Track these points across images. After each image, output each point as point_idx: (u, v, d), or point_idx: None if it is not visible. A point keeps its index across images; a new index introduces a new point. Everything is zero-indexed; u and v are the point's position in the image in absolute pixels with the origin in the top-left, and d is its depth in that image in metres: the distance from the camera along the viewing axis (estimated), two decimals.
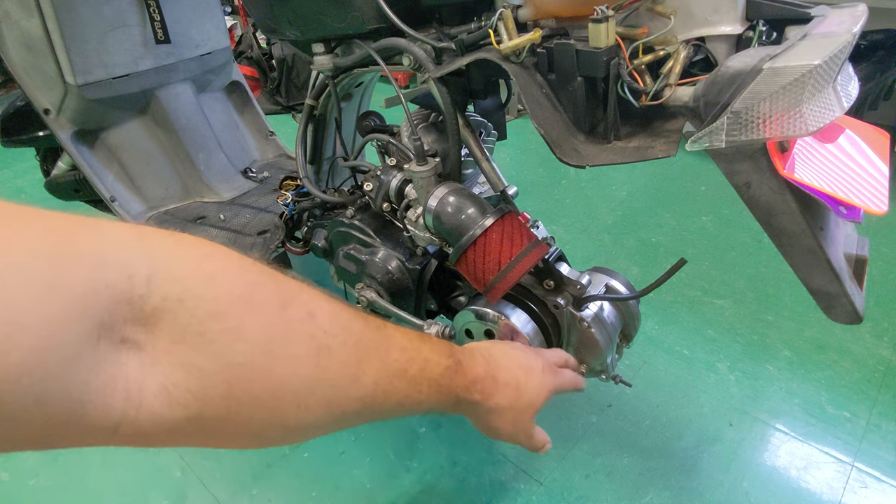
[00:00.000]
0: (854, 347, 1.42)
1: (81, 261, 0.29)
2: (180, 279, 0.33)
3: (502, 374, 0.64)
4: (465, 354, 0.61)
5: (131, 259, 0.31)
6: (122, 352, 0.31)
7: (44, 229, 0.29)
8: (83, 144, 1.44)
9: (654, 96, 0.65)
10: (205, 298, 0.34)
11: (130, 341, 0.31)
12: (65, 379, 0.28)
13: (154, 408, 0.32)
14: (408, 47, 0.84)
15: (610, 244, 1.94)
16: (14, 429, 0.27)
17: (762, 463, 1.16)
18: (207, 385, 0.34)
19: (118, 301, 0.30)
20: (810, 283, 0.64)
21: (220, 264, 0.36)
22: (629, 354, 1.43)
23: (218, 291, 0.35)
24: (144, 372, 0.32)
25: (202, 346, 0.34)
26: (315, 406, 0.40)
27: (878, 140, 0.65)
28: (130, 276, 0.31)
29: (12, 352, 0.25)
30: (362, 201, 1.08)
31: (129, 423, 0.31)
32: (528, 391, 0.67)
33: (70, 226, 0.30)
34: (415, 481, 1.17)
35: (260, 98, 3.39)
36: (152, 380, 0.32)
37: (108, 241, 0.31)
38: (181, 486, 1.18)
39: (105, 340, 0.30)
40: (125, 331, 0.31)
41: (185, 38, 1.50)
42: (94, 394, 0.29)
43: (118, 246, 0.32)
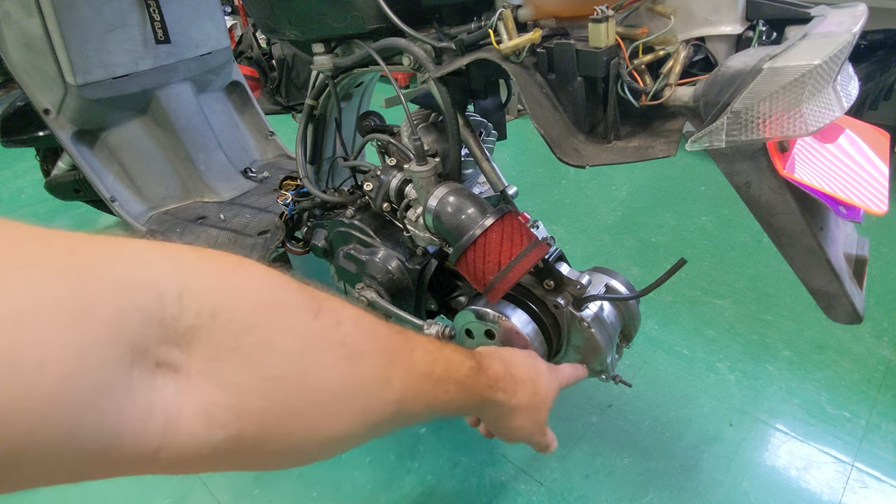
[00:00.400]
0: (854, 347, 1.42)
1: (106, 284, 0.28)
2: (210, 293, 0.32)
3: (517, 373, 0.65)
4: (482, 356, 0.61)
5: (158, 277, 0.30)
6: (157, 376, 0.30)
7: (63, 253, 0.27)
8: (83, 144, 1.44)
9: (654, 96, 0.65)
10: (237, 311, 0.33)
11: (165, 364, 0.30)
12: (98, 409, 0.27)
13: (194, 430, 0.31)
14: (408, 47, 0.84)
15: (610, 244, 1.94)
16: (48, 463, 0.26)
17: (762, 463, 1.16)
18: (245, 401, 0.33)
19: (149, 323, 0.29)
20: (810, 283, 0.64)
21: (248, 276, 0.36)
22: (629, 354, 1.43)
23: (249, 303, 0.34)
24: (182, 394, 0.31)
25: (237, 361, 0.33)
26: (350, 414, 0.40)
27: (878, 140, 0.65)
28: (160, 295, 0.30)
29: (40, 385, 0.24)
30: (362, 201, 1.08)
31: (168, 449, 0.30)
32: (542, 388, 0.68)
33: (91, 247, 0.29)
34: (415, 483, 1.17)
35: (260, 98, 3.39)
36: (190, 401, 0.31)
37: (132, 260, 0.30)
38: (183, 487, 1.18)
39: (139, 366, 0.29)
40: (159, 353, 0.30)
41: (185, 38, 1.50)
42: (130, 422, 0.28)
43: (143, 264, 0.31)
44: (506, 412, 0.64)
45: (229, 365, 0.32)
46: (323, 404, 0.38)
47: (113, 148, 1.49)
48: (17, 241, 0.27)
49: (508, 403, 0.63)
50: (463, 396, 0.54)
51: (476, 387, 0.56)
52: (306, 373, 0.36)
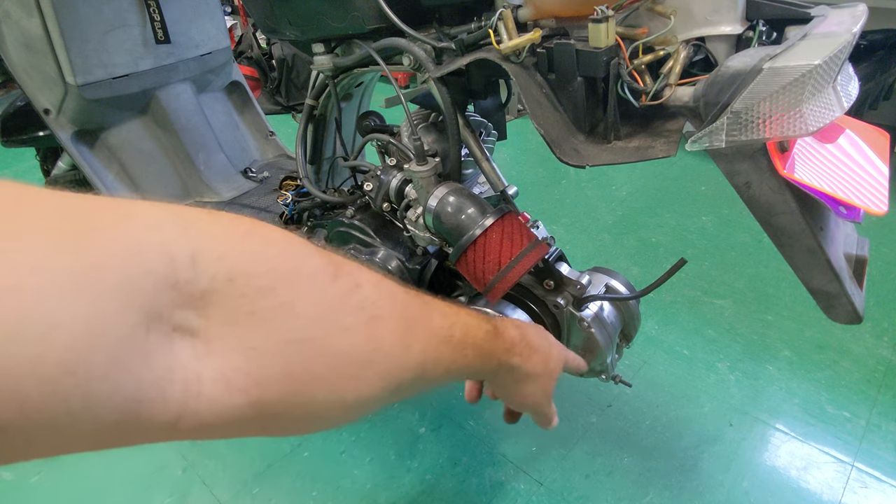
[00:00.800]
0: (854, 347, 1.42)
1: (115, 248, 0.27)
2: (225, 256, 0.31)
3: (533, 339, 0.65)
4: (498, 320, 0.61)
5: (170, 240, 0.29)
6: (175, 341, 0.29)
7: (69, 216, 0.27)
8: (83, 144, 1.44)
9: (654, 96, 0.65)
10: (254, 275, 0.32)
11: (183, 328, 0.29)
12: (114, 377, 0.26)
13: (214, 396, 0.30)
14: (408, 47, 0.84)
15: (610, 244, 1.94)
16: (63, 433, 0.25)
17: (762, 463, 1.16)
18: (265, 366, 0.33)
19: (163, 287, 0.28)
20: (810, 283, 0.64)
21: (264, 239, 0.35)
22: (629, 354, 1.43)
23: (266, 267, 0.33)
24: (200, 359, 0.30)
25: (256, 325, 0.32)
26: (373, 378, 0.39)
27: (878, 140, 0.65)
28: (173, 259, 0.29)
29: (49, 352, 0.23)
30: (362, 201, 1.08)
31: (189, 416, 0.30)
32: (553, 359, 0.68)
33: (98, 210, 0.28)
34: (415, 481, 1.17)
35: (260, 98, 3.39)
36: (209, 367, 0.30)
37: (142, 223, 0.29)
38: (183, 484, 1.18)
39: (155, 331, 0.28)
40: (176, 318, 0.29)
41: (185, 38, 1.50)
42: (149, 389, 0.28)
43: (153, 228, 0.29)
44: (521, 377, 0.64)
45: (248, 329, 0.32)
46: (345, 368, 0.37)
47: (113, 148, 1.49)
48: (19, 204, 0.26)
49: (523, 368, 0.63)
50: (480, 360, 0.53)
51: (493, 351, 0.56)
52: (327, 337, 0.36)
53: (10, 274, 0.23)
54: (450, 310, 0.50)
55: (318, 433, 1.29)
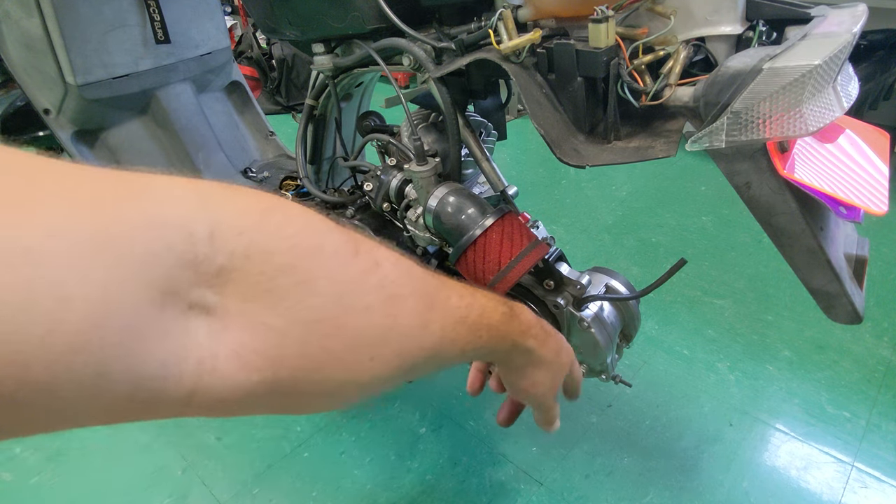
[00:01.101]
0: (854, 347, 1.42)
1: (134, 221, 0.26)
2: (245, 232, 0.31)
3: (548, 326, 0.64)
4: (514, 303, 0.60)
5: (189, 215, 0.29)
6: (190, 318, 0.29)
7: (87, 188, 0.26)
8: (83, 144, 1.44)
9: (654, 96, 0.65)
10: (273, 252, 0.32)
11: (199, 306, 0.29)
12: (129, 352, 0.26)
13: (228, 373, 0.30)
14: (408, 47, 0.84)
15: (610, 244, 1.94)
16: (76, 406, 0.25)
17: (762, 463, 1.16)
18: (281, 344, 0.32)
19: (181, 264, 0.28)
20: (810, 283, 0.64)
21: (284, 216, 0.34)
22: (629, 354, 1.43)
23: (286, 244, 0.33)
24: (215, 337, 0.30)
25: (273, 303, 0.32)
26: (390, 357, 0.39)
27: (878, 140, 0.65)
28: (191, 234, 0.28)
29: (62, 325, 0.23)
30: (362, 201, 1.08)
31: (203, 393, 0.30)
32: (565, 349, 0.67)
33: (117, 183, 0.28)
34: (415, 482, 1.17)
35: (260, 98, 3.39)
36: (224, 344, 0.30)
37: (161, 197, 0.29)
38: (183, 485, 1.18)
39: (171, 308, 0.27)
40: (192, 295, 0.29)
41: (185, 38, 1.50)
42: (163, 366, 0.27)
43: (173, 201, 0.29)
44: (533, 361, 0.63)
45: (265, 307, 0.31)
46: (362, 348, 0.37)
47: (113, 148, 1.49)
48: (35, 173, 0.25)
49: (538, 352, 0.62)
50: (495, 342, 0.53)
51: (509, 332, 0.56)
52: (345, 315, 0.35)
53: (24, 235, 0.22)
54: (466, 291, 0.50)
55: (317, 434, 1.29)
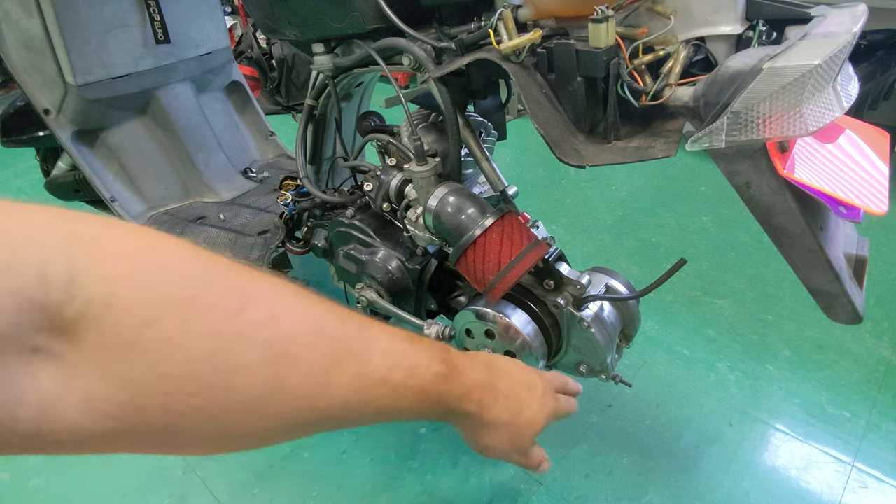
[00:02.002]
0: (854, 347, 1.42)
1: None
2: (109, 279, 0.30)
3: (503, 385, 0.59)
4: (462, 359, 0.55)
5: (47, 258, 0.28)
6: (32, 363, 0.28)
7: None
8: (83, 144, 1.44)
9: (654, 96, 0.65)
10: (137, 303, 0.30)
11: (45, 351, 0.28)
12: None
13: (74, 420, 0.29)
14: (408, 47, 0.84)
15: (610, 244, 1.94)
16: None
17: (762, 463, 1.16)
18: (141, 397, 0.31)
19: (25, 309, 0.27)
20: (810, 283, 0.64)
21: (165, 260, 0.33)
22: (629, 354, 1.43)
23: (154, 294, 0.31)
24: (63, 383, 0.29)
25: (132, 355, 0.30)
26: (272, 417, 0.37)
27: (878, 140, 0.65)
28: (44, 279, 0.27)
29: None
30: (362, 201, 1.08)
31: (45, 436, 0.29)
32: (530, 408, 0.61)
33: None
34: (416, 481, 1.17)
35: (260, 98, 3.39)
36: (72, 391, 0.29)
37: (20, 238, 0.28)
38: (183, 485, 1.18)
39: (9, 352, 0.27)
40: (37, 340, 0.28)
41: (185, 38, 1.50)
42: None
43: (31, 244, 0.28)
44: (477, 426, 0.58)
45: (121, 359, 0.30)
46: (238, 406, 0.35)
47: (113, 148, 1.49)
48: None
49: (481, 417, 0.57)
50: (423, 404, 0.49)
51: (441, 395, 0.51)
52: (217, 375, 0.33)
53: None
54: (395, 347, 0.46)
55: None
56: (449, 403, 0.53)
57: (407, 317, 1.01)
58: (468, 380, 0.55)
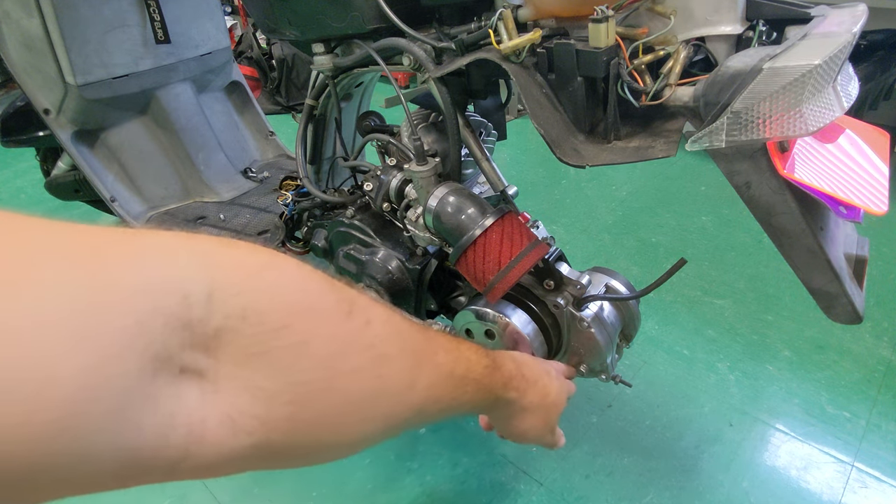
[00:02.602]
0: (854, 347, 1.42)
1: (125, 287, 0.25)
2: (241, 293, 0.30)
3: (529, 374, 0.65)
4: (496, 354, 0.61)
5: (186, 276, 0.28)
6: (181, 383, 0.28)
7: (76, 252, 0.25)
8: (83, 144, 1.44)
9: (654, 96, 0.65)
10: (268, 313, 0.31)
11: (191, 370, 0.28)
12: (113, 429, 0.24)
13: (218, 439, 0.30)
14: (408, 47, 0.84)
15: (610, 244, 1.94)
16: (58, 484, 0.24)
17: (762, 463, 1.16)
18: (273, 408, 0.32)
19: (173, 327, 0.27)
20: (810, 283, 0.64)
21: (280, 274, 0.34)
22: (629, 354, 1.43)
23: (281, 304, 0.32)
24: (207, 402, 0.29)
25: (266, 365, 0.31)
26: (377, 418, 0.39)
27: (878, 140, 0.65)
28: (186, 296, 0.27)
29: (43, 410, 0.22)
30: (362, 201, 1.08)
31: (192, 459, 0.29)
32: (553, 390, 0.68)
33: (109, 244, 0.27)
34: (415, 483, 1.17)
35: (260, 98, 3.39)
36: (215, 409, 0.29)
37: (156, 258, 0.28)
38: (183, 486, 1.18)
39: (162, 375, 0.27)
40: (184, 358, 0.28)
41: (185, 38, 1.50)
42: (150, 436, 0.26)
43: (167, 263, 0.28)
44: (517, 411, 0.63)
45: (258, 369, 0.31)
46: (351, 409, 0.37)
47: (113, 148, 1.49)
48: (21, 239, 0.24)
49: (520, 403, 0.62)
50: (479, 395, 0.53)
51: (491, 385, 0.56)
52: (336, 377, 0.35)
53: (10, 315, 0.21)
54: (451, 344, 0.50)
55: None
56: (497, 392, 0.58)
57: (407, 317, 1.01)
58: (507, 370, 0.60)
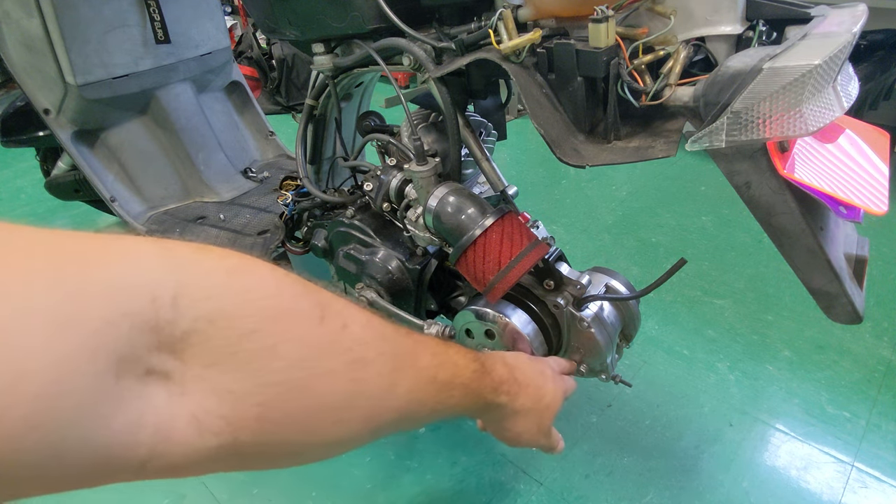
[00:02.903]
0: (854, 347, 1.42)
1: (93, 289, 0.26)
2: (210, 297, 0.31)
3: (521, 377, 0.64)
4: (487, 358, 0.61)
5: (153, 280, 0.29)
6: (148, 384, 0.29)
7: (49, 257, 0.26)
8: (83, 144, 1.44)
9: (654, 96, 0.65)
10: (237, 316, 0.32)
11: (157, 371, 0.29)
12: (82, 425, 0.25)
13: (185, 439, 0.30)
14: (408, 47, 0.84)
15: (610, 244, 1.94)
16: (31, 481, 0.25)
17: (762, 463, 1.16)
18: (241, 409, 0.32)
19: (141, 330, 0.28)
20: (810, 283, 0.64)
21: (253, 276, 0.34)
22: (629, 354, 1.43)
23: (251, 308, 0.33)
24: (174, 402, 0.30)
25: (235, 367, 0.32)
26: (353, 420, 0.39)
27: (878, 140, 0.65)
28: (154, 300, 0.28)
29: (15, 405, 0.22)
30: (362, 201, 1.08)
31: (159, 458, 0.30)
32: (547, 392, 0.67)
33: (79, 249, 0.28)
34: (414, 482, 1.17)
35: (260, 98, 3.39)
36: (182, 410, 0.30)
37: (125, 262, 0.29)
38: (182, 485, 1.18)
39: (128, 375, 0.27)
40: (151, 361, 0.29)
41: (185, 38, 1.50)
42: (118, 434, 0.27)
43: (136, 267, 0.29)
44: (508, 415, 0.63)
45: (226, 372, 0.31)
46: (324, 411, 0.37)
47: (113, 148, 1.49)
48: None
49: (511, 406, 0.62)
50: (467, 400, 0.53)
51: (480, 390, 0.56)
52: (308, 380, 0.35)
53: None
54: (439, 348, 0.50)
55: None
56: (486, 397, 0.58)
57: (407, 317, 1.01)
58: (497, 374, 0.60)
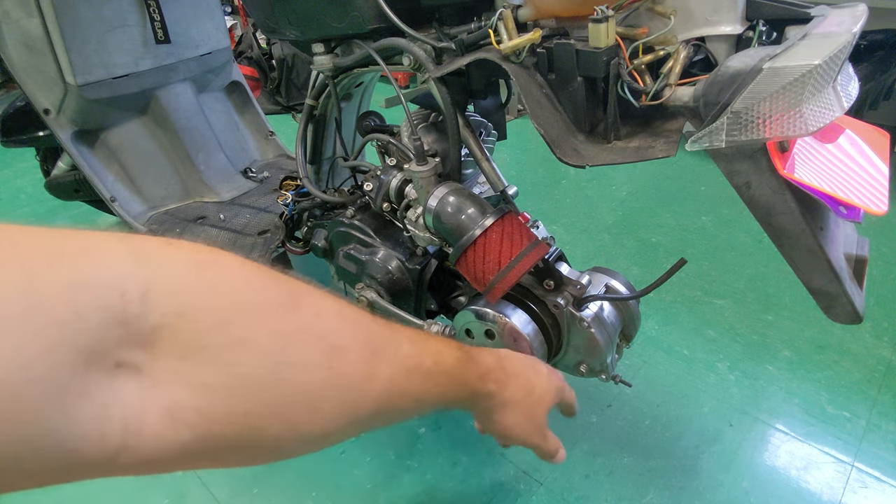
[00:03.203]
0: (854, 347, 1.42)
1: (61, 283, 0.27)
2: (179, 291, 0.31)
3: (511, 367, 0.64)
4: (471, 348, 0.60)
5: (122, 274, 0.29)
6: (117, 377, 0.29)
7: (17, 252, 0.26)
8: (83, 144, 1.44)
9: (654, 96, 0.65)
10: (207, 310, 0.32)
11: (127, 365, 0.29)
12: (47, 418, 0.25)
13: (157, 432, 0.30)
14: (408, 47, 0.84)
15: (610, 244, 1.94)
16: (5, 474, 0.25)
17: (762, 463, 1.16)
18: (215, 400, 0.32)
19: (109, 324, 0.28)
20: (810, 283, 0.64)
21: (223, 270, 0.35)
22: (629, 354, 1.43)
23: (222, 301, 0.33)
24: (145, 395, 0.30)
25: (207, 360, 0.32)
26: (330, 410, 0.39)
27: (878, 140, 0.65)
28: (123, 295, 0.28)
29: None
30: (362, 201, 1.08)
31: (130, 452, 0.29)
32: (539, 384, 0.66)
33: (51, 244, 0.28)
34: (415, 481, 1.17)
35: (260, 98, 3.39)
36: (154, 403, 0.30)
37: (93, 257, 0.29)
38: (181, 485, 1.18)
39: (95, 368, 0.27)
40: (120, 354, 0.29)
41: (185, 38, 1.50)
42: (85, 428, 0.27)
43: (106, 261, 0.29)
44: (497, 405, 0.62)
45: (198, 364, 0.31)
46: (300, 401, 0.37)
47: (113, 148, 1.49)
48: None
49: (500, 396, 0.61)
50: (453, 388, 0.52)
51: (466, 378, 0.55)
52: (282, 370, 0.35)
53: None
54: (419, 337, 0.49)
55: None
56: (472, 385, 0.57)
57: (407, 317, 1.01)
58: (484, 363, 0.59)
